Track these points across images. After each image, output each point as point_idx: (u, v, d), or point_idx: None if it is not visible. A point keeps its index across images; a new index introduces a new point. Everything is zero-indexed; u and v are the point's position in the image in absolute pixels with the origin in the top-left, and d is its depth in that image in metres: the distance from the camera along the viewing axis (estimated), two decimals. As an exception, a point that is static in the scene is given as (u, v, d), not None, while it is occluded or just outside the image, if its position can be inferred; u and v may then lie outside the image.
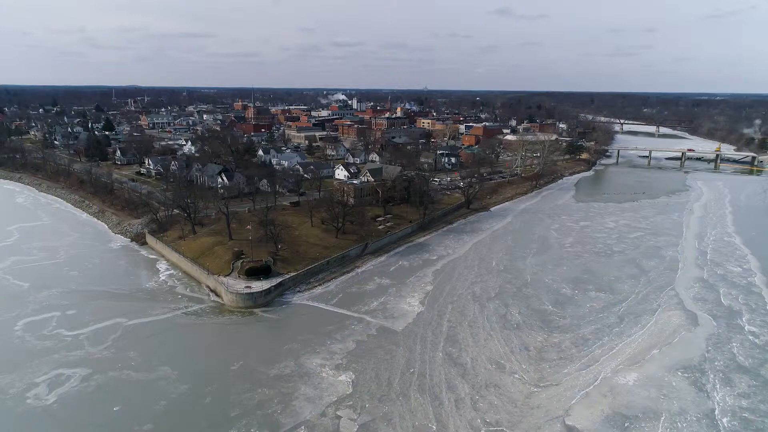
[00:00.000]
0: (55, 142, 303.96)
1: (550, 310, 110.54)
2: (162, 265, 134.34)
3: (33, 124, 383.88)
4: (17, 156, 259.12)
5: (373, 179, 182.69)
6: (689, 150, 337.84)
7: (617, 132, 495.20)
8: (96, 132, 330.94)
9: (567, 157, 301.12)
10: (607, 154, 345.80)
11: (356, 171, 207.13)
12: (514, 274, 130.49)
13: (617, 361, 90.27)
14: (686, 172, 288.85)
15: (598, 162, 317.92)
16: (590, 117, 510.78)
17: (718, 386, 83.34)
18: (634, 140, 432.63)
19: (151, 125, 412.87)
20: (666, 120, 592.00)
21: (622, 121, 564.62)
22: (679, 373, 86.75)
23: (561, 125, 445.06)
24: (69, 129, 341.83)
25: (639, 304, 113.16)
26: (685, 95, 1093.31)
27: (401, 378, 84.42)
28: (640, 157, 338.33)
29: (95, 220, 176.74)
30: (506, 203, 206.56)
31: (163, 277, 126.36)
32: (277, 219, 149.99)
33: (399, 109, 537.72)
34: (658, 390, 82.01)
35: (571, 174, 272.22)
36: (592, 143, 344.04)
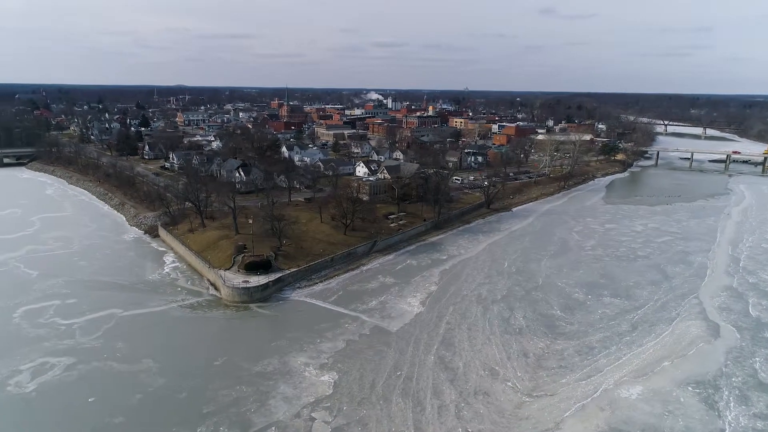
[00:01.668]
0: (92, 137, 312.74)
1: (558, 315, 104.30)
2: (169, 258, 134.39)
3: (75, 120, 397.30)
4: (53, 150, 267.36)
5: (389, 176, 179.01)
6: (735, 152, 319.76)
7: (660, 133, 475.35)
8: (132, 128, 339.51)
9: (601, 157, 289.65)
10: (647, 155, 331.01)
11: (377, 168, 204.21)
12: (526, 276, 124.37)
13: (622, 372, 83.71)
14: (730, 175, 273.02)
15: (634, 163, 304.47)
16: (632, 118, 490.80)
17: (732, 404, 75.95)
18: (677, 142, 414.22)
19: (186, 122, 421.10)
20: (714, 122, 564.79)
21: (666, 122, 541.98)
22: (690, 389, 79.62)
23: (600, 126, 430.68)
24: (106, 125, 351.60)
25: (656, 313, 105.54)
26: (738, 97, 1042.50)
27: (386, 381, 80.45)
28: (681, 159, 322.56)
29: (115, 212, 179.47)
30: (530, 204, 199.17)
31: (167, 270, 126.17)
32: (288, 214, 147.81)
33: (431, 108, 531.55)
34: (663, 405, 75.32)
35: (603, 175, 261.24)
36: (630, 144, 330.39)
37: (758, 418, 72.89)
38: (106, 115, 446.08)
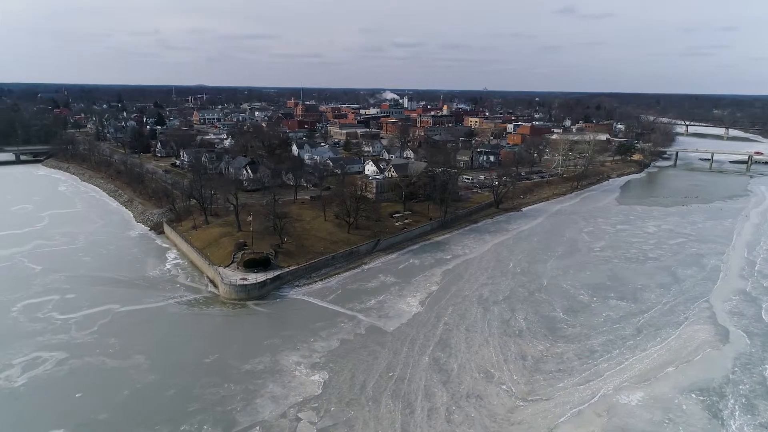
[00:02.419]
0: (107, 134, 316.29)
1: (561, 317, 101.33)
2: (171, 254, 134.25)
3: (93, 119, 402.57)
4: (68, 147, 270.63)
5: (396, 174, 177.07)
6: (757, 153, 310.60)
7: (681, 134, 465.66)
8: (148, 126, 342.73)
9: (617, 158, 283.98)
10: (665, 156, 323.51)
11: (386, 167, 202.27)
12: (530, 277, 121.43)
13: (623, 377, 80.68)
14: (751, 177, 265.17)
15: (652, 164, 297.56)
16: (652, 118, 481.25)
17: (737, 413, 72.54)
18: (698, 142, 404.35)
19: (202, 121, 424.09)
20: (737, 122, 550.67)
21: (687, 122, 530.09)
22: (694, 396, 76.33)
23: (619, 126, 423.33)
24: (123, 123, 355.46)
25: (663, 316, 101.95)
26: (763, 97, 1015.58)
27: (377, 381, 78.61)
28: (701, 159, 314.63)
29: (123, 208, 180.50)
30: (540, 204, 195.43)
31: (169, 266, 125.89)
32: (292, 212, 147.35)
33: (445, 107, 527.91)
34: (663, 413, 72.23)
35: (619, 175, 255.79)
36: (649, 144, 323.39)
37: (765, 429, 69.46)
38: (124, 113, 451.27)
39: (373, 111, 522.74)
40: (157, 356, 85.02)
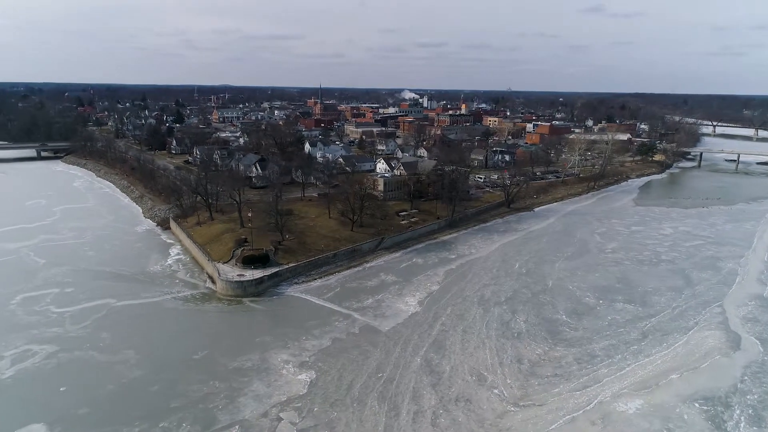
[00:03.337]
0: (126, 132, 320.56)
1: (563, 320, 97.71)
2: (174, 250, 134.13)
3: (115, 116, 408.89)
4: (87, 144, 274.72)
5: (406, 173, 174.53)
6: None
7: (708, 134, 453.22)
8: (167, 124, 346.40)
9: (638, 158, 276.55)
10: (689, 156, 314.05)
11: (396, 165, 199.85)
12: (536, 278, 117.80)
13: (623, 383, 76.97)
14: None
15: (674, 165, 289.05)
16: (677, 118, 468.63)
17: (742, 424, 68.40)
18: (724, 143, 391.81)
19: (221, 119, 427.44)
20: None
21: (714, 123, 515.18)
22: (697, 405, 72.30)
23: (642, 126, 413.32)
24: (143, 121, 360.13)
25: (672, 321, 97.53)
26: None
27: (365, 382, 76.42)
28: (726, 160, 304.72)
29: (134, 204, 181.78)
30: (554, 204, 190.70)
31: (170, 262, 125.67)
32: (297, 209, 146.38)
33: (464, 105, 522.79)
34: (663, 422, 68.49)
35: (638, 176, 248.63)
36: (672, 145, 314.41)
37: (771, 442, 65.28)
38: (146, 112, 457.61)
39: (392, 110, 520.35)
40: (146, 351, 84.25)
